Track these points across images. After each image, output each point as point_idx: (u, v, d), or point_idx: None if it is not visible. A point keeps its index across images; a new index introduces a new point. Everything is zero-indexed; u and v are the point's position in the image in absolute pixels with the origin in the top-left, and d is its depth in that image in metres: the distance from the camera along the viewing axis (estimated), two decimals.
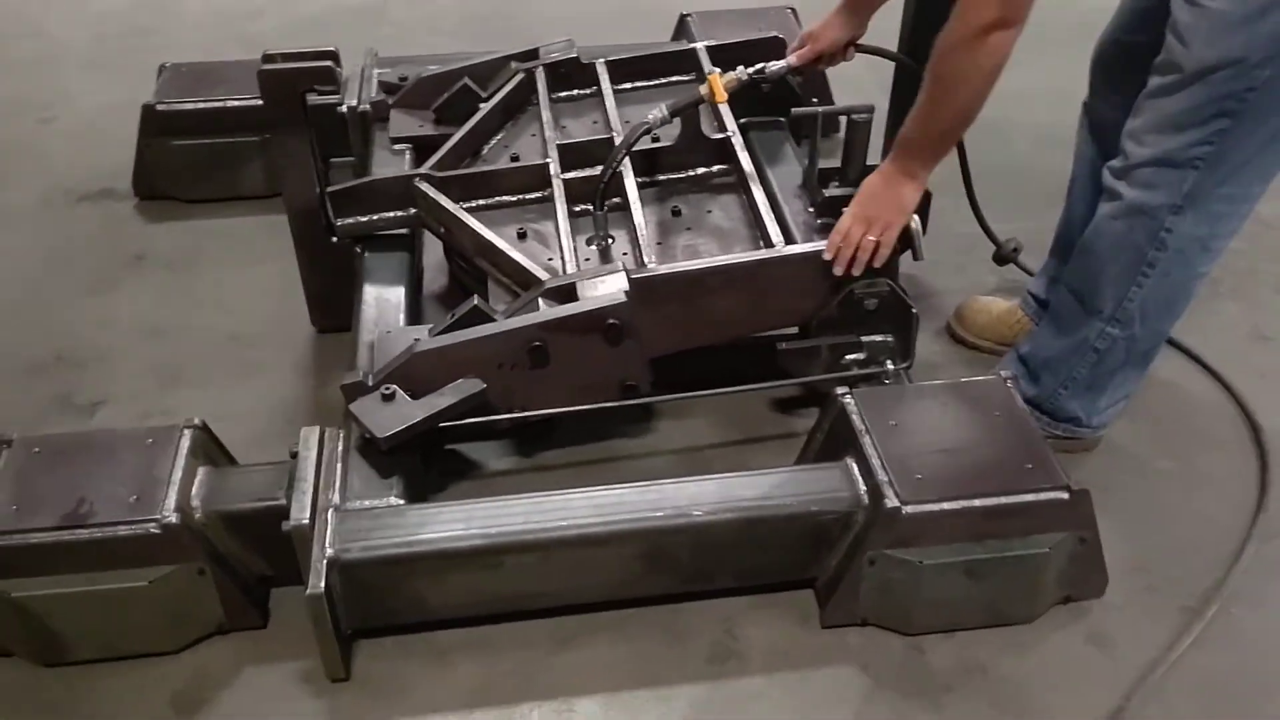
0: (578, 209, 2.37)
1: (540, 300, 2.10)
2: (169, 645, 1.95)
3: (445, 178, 2.42)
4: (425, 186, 2.39)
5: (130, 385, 2.52)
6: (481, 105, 2.70)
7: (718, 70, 2.41)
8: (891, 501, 1.84)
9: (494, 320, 2.10)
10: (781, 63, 2.46)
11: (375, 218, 2.44)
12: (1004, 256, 2.71)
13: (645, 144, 2.41)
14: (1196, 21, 1.82)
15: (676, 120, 2.40)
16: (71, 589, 1.83)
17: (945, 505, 1.84)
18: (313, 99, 2.92)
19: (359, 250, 2.47)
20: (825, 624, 1.98)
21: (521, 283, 2.22)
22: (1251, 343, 2.63)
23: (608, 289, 2.07)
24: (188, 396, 2.48)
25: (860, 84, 3.23)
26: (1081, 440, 2.28)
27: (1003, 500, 1.85)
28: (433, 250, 2.62)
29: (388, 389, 2.02)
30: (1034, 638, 1.98)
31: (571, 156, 2.48)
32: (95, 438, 2.00)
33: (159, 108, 2.95)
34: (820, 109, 2.46)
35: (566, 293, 2.10)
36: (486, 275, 2.33)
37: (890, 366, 2.20)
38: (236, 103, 2.97)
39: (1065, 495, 1.86)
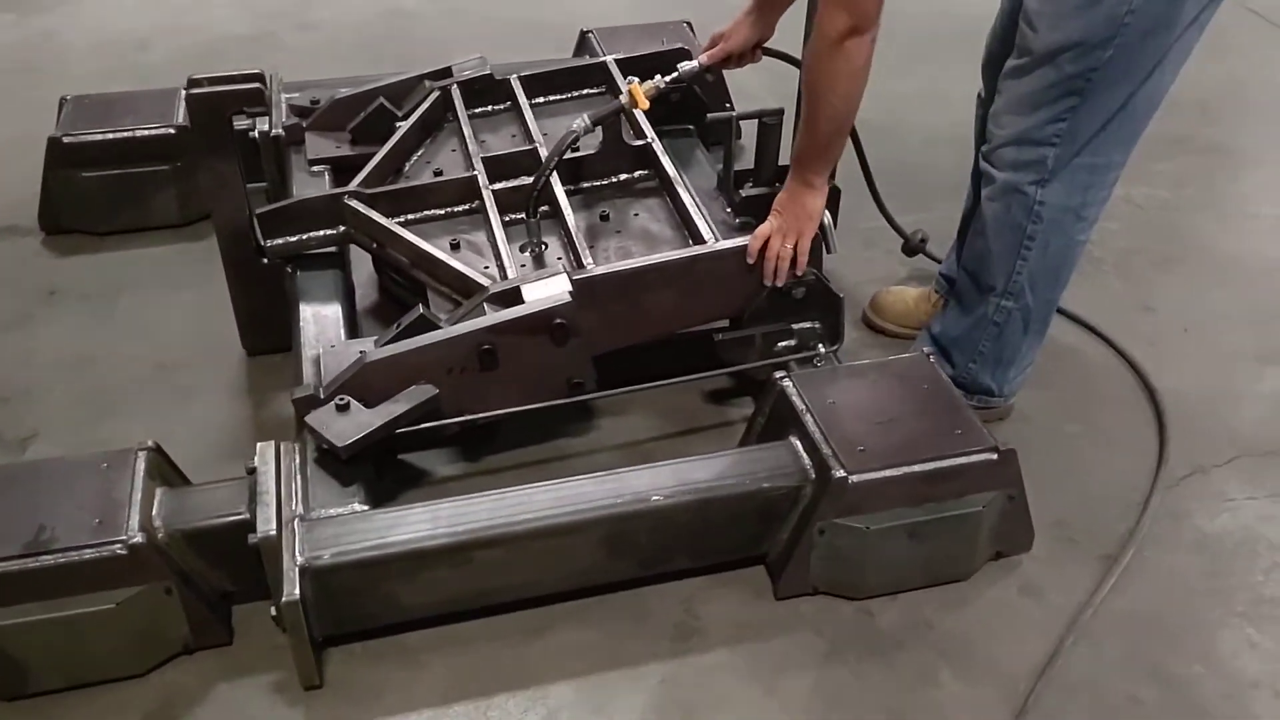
0: (508, 218, 2.44)
1: (485, 305, 2.16)
2: (136, 668, 1.94)
3: (374, 194, 2.46)
4: (355, 204, 2.42)
5: (60, 418, 2.49)
6: (398, 124, 2.74)
7: (635, 79, 2.51)
8: (838, 472, 1.95)
9: (439, 328, 2.15)
10: (693, 63, 2.57)
11: (305, 237, 2.46)
12: (913, 248, 2.87)
13: (570, 153, 2.50)
14: (1043, 7, 2.01)
15: (598, 129, 2.50)
16: (37, 617, 1.82)
17: (887, 473, 1.97)
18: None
19: (290, 271, 2.49)
20: (780, 595, 2.09)
21: (462, 291, 2.27)
22: (1139, 314, 2.84)
23: (551, 290, 2.15)
24: (122, 425, 2.46)
25: (755, 93, 3.37)
26: (996, 409, 2.44)
27: (939, 464, 1.99)
28: (361, 267, 2.65)
29: (342, 400, 2.05)
30: (972, 593, 2.12)
31: (496, 168, 2.54)
32: (46, 466, 1.99)
33: (65, 140, 2.91)
34: (735, 114, 2.59)
35: (510, 297, 2.17)
36: (423, 287, 2.37)
37: (822, 350, 2.32)
38: (145, 132, 2.95)
39: (994, 456, 2.01)
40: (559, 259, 2.37)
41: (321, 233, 2.47)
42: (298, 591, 1.81)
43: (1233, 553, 2.23)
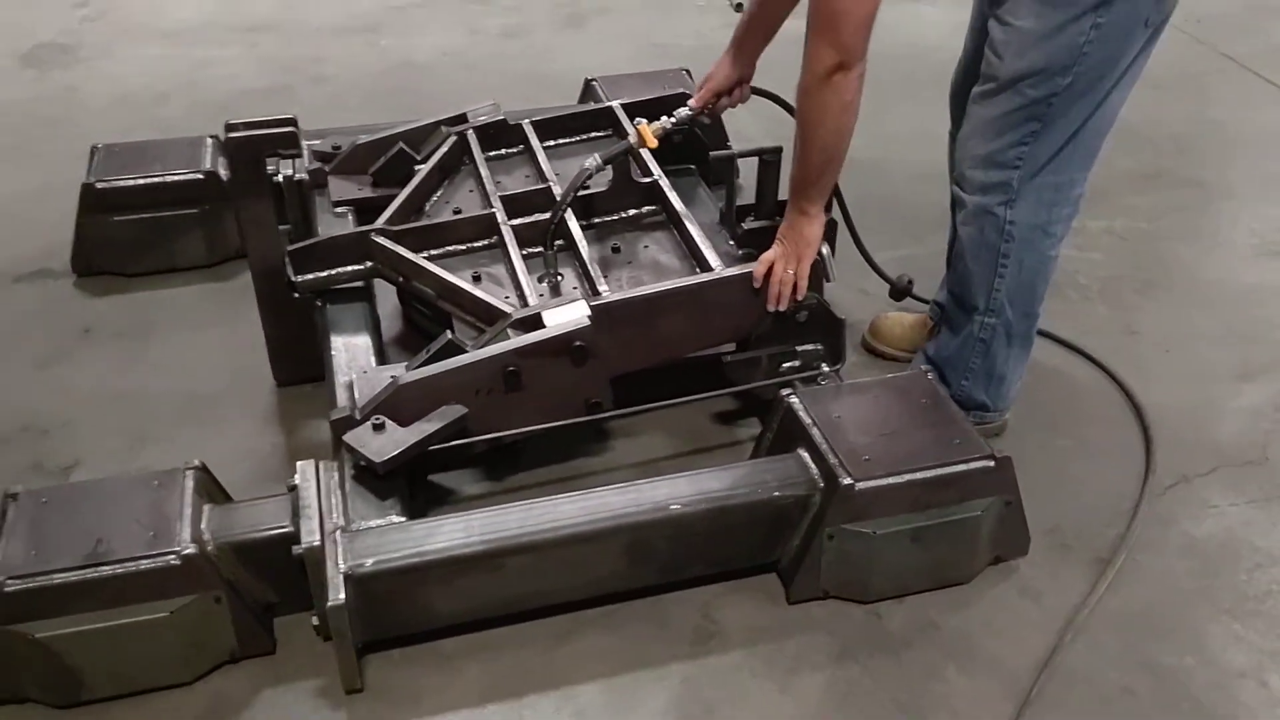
0: (526, 252, 2.58)
1: (509, 330, 2.30)
2: (185, 676, 2.05)
3: (400, 231, 2.60)
4: (383, 240, 2.57)
5: (99, 447, 2.60)
6: (417, 167, 2.90)
7: (643, 120, 2.67)
8: (845, 480, 2.08)
9: (466, 352, 2.28)
10: (685, 109, 2.72)
11: (333, 272, 2.59)
12: (900, 291, 3.02)
13: (582, 190, 2.65)
14: (1007, 38, 2.18)
15: (608, 168, 2.65)
16: (94, 625, 1.93)
17: (892, 480, 2.10)
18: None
19: (320, 304, 2.62)
20: (792, 600, 2.21)
21: (486, 319, 2.40)
22: (1124, 337, 2.98)
23: (572, 315, 2.28)
24: (159, 454, 2.57)
25: (752, 134, 3.54)
26: (991, 424, 2.58)
27: (940, 471, 2.12)
28: (385, 300, 2.78)
29: (377, 420, 2.18)
30: (974, 595, 2.25)
31: (513, 206, 2.69)
32: (100, 485, 2.10)
33: (98, 186, 3.05)
34: (736, 152, 2.75)
35: (533, 322, 2.30)
36: (448, 316, 2.51)
37: (825, 369, 2.45)
38: (174, 178, 3.09)
39: (992, 463, 2.14)
40: (574, 288, 2.51)
41: (349, 268, 2.60)
42: (342, 596, 1.92)
43: (1218, 555, 2.35)
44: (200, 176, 3.10)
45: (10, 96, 4.27)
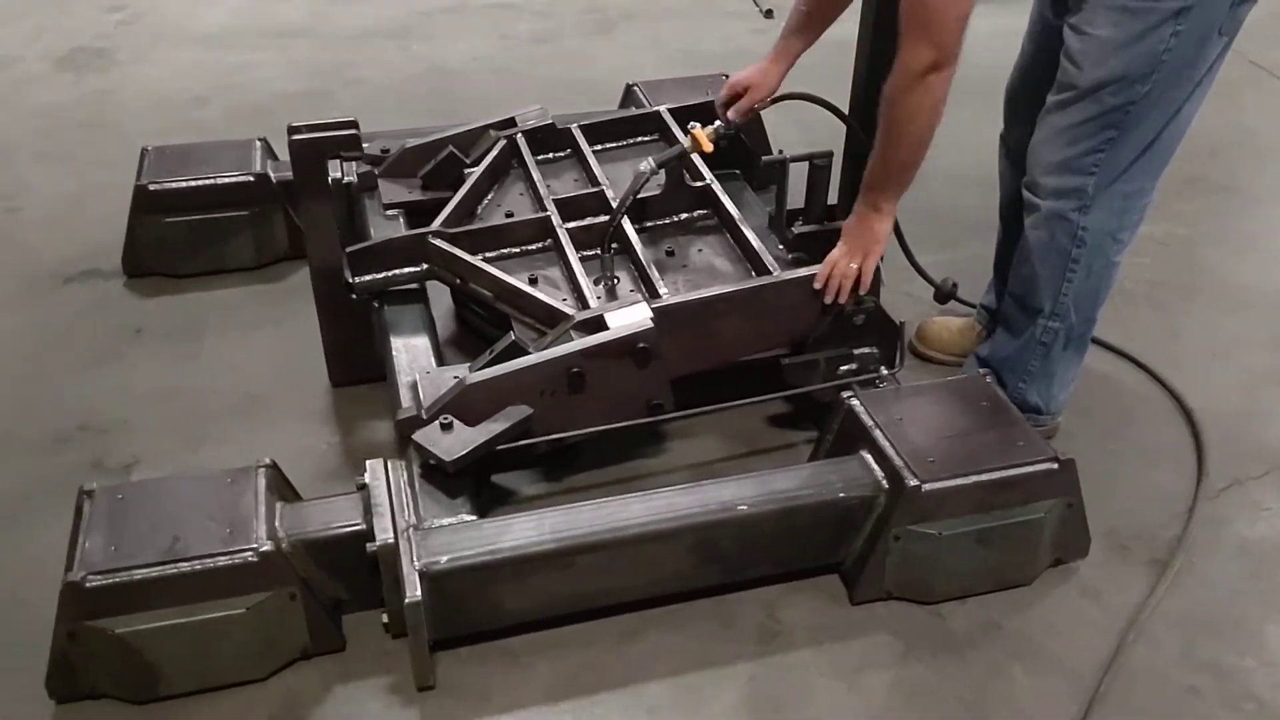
0: (581, 255, 2.60)
1: (571, 332, 2.32)
2: (259, 672, 2.07)
3: (456, 234, 2.62)
4: (440, 242, 2.58)
5: (157, 446, 2.62)
6: (467, 170, 2.92)
7: (698, 124, 2.69)
8: (912, 481, 2.10)
9: (528, 354, 2.30)
10: (732, 117, 2.73)
11: (391, 274, 2.61)
12: (945, 294, 3.03)
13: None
14: (1085, 47, 2.20)
15: (660, 172, 2.67)
16: (173, 621, 1.95)
17: (957, 481, 2.12)
18: (287, 175, 3.12)
19: (377, 306, 2.65)
20: (856, 600, 2.23)
21: (546, 321, 2.42)
22: (1169, 341, 3.00)
23: (635, 317, 2.30)
24: (217, 453, 2.60)
25: (787, 138, 3.55)
26: (1044, 427, 2.60)
27: (1005, 473, 2.14)
28: (438, 302, 2.80)
29: (445, 419, 2.20)
30: (1035, 596, 2.27)
31: (566, 210, 2.71)
32: (174, 482, 2.12)
33: (151, 187, 3.07)
34: (787, 156, 2.77)
35: (595, 324, 2.32)
36: (505, 318, 2.53)
37: (884, 372, 2.47)
38: (225, 180, 3.11)
39: (1055, 465, 2.16)
40: (630, 291, 2.53)
41: (406, 270, 2.62)
42: (419, 593, 1.94)
43: (1273, 556, 2.38)
44: (251, 179, 3.13)
45: (48, 100, 4.29)
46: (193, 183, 3.10)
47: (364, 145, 3.02)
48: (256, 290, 3.18)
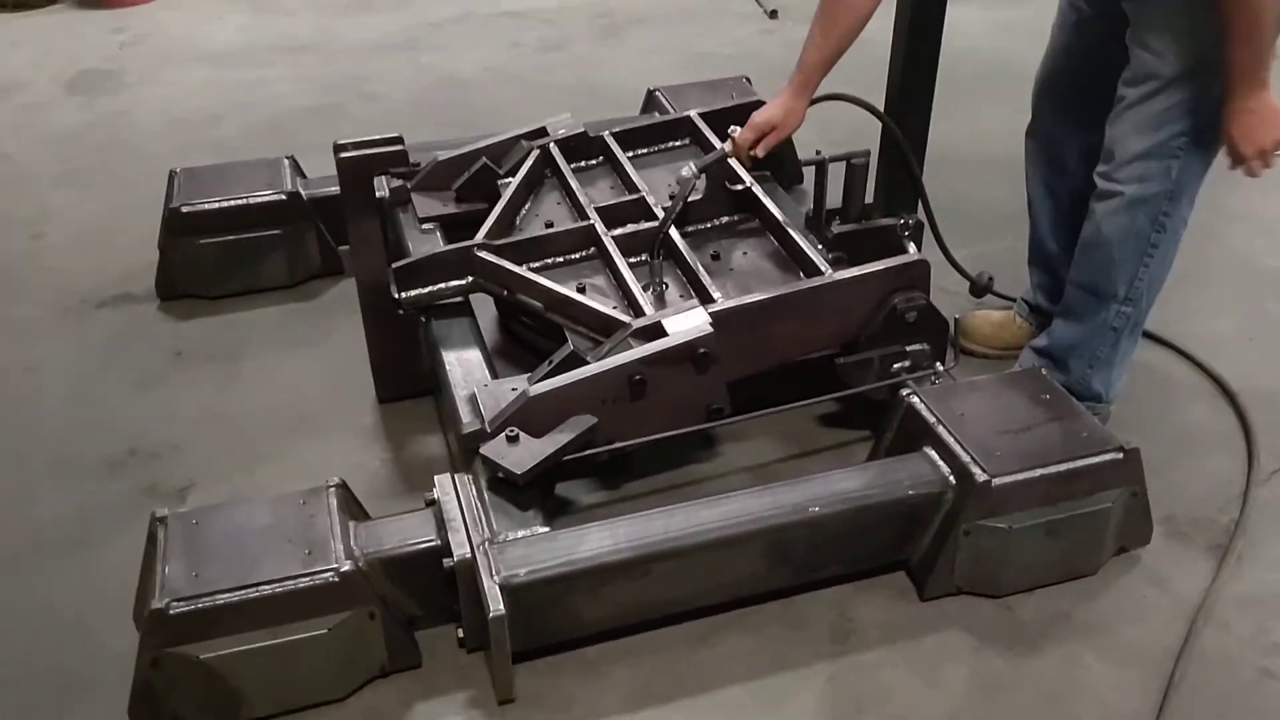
0: (630, 261, 2.60)
1: (630, 340, 2.32)
2: (339, 692, 2.07)
3: (501, 245, 2.62)
4: (486, 255, 2.58)
5: (211, 469, 2.62)
6: (500, 181, 2.92)
7: (737, 128, 2.70)
8: (981, 476, 2.12)
9: (587, 363, 2.31)
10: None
11: (438, 287, 2.61)
12: (981, 288, 3.04)
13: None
14: (1165, 37, 2.24)
15: (702, 176, 2.68)
16: (255, 644, 1.95)
17: (1025, 475, 2.14)
18: (317, 192, 3.14)
19: (424, 320, 2.65)
20: (926, 596, 2.24)
21: (601, 329, 2.42)
22: (1205, 326, 3.03)
23: (693, 323, 2.31)
24: (271, 473, 2.60)
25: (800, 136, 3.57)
26: (1100, 414, 2.62)
27: (1072, 465, 2.16)
28: (481, 314, 2.80)
29: (511, 432, 2.20)
30: (1101, 585, 2.29)
31: (609, 217, 2.71)
32: (247, 505, 2.12)
33: (183, 209, 3.07)
34: (826, 157, 2.78)
35: (654, 331, 2.32)
36: (555, 328, 2.52)
37: (940, 368, 2.49)
38: (259, 199, 3.11)
39: (1120, 455, 2.18)
40: (680, 296, 2.54)
41: (453, 283, 2.62)
42: (502, 607, 1.94)
43: None
44: (283, 197, 3.12)
45: (60, 124, 4.28)
46: (226, 203, 3.10)
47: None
48: (292, 309, 3.18)
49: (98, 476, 2.60)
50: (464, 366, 2.49)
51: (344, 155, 2.44)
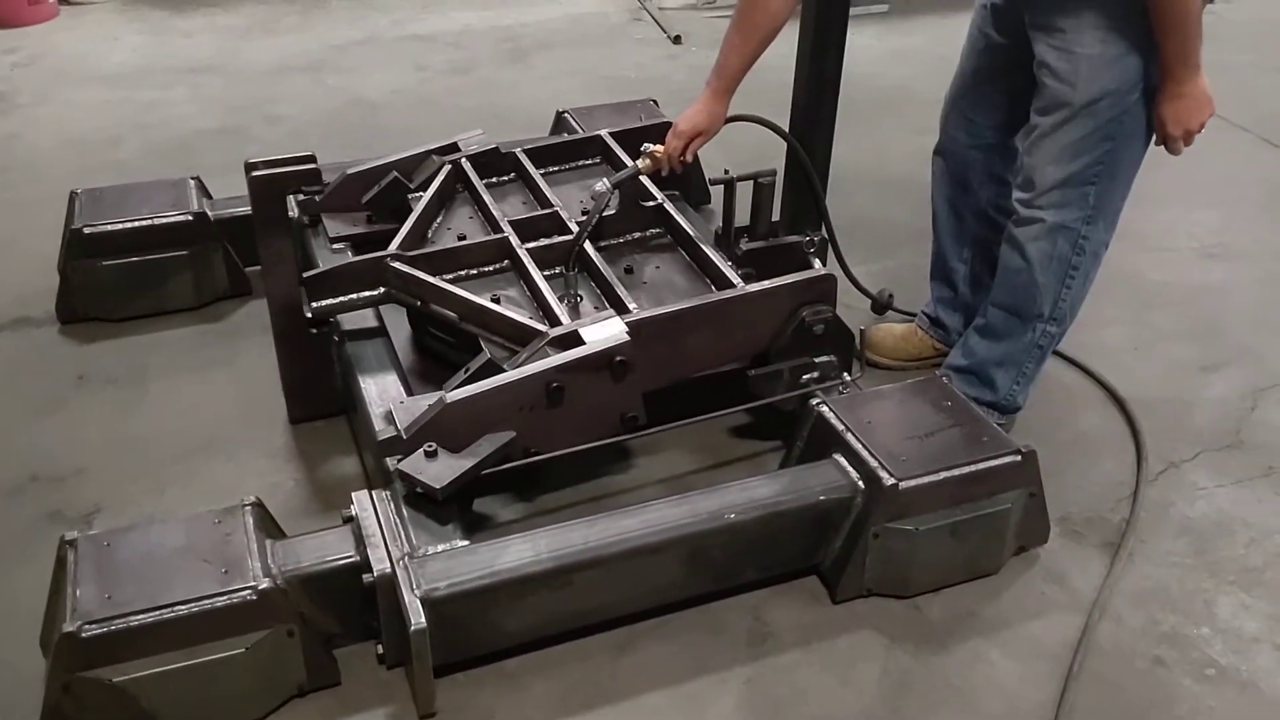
0: (545, 274, 2.63)
1: (546, 349, 2.34)
2: (257, 712, 2.05)
3: (415, 256, 2.62)
4: (400, 265, 2.58)
5: (118, 493, 2.57)
6: (411, 195, 2.91)
7: (652, 145, 2.75)
8: (888, 480, 2.19)
9: (504, 371, 2.32)
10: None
11: (349, 298, 2.57)
12: (882, 305, 3.15)
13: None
14: (1076, 65, 2.33)
15: (616, 192, 2.73)
16: (171, 666, 1.92)
17: (930, 478, 2.22)
18: (224, 213, 3.11)
19: (338, 341, 2.64)
20: (838, 599, 2.30)
21: (517, 339, 2.41)
22: (1093, 337, 3.15)
23: (610, 331, 2.34)
24: (181, 496, 2.56)
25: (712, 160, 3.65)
26: (1008, 424, 2.73)
27: (974, 468, 2.25)
28: (396, 334, 2.80)
29: (430, 447, 2.21)
30: (1004, 584, 2.38)
31: (522, 231, 2.72)
32: (161, 525, 2.08)
33: (85, 230, 3.00)
34: (734, 176, 2.86)
35: (570, 340, 2.34)
36: (469, 341, 2.51)
37: (847, 378, 2.57)
38: (164, 220, 3.06)
39: (1019, 458, 2.28)
40: (595, 308, 2.57)
41: (364, 294, 2.59)
42: (424, 621, 1.95)
43: (1214, 533, 2.53)
44: (190, 218, 3.08)
45: None
46: (130, 224, 3.04)
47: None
48: (199, 330, 3.13)
49: None
50: (380, 385, 2.50)
51: (255, 174, 2.43)
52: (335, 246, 2.99)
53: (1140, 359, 3.12)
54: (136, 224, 3.05)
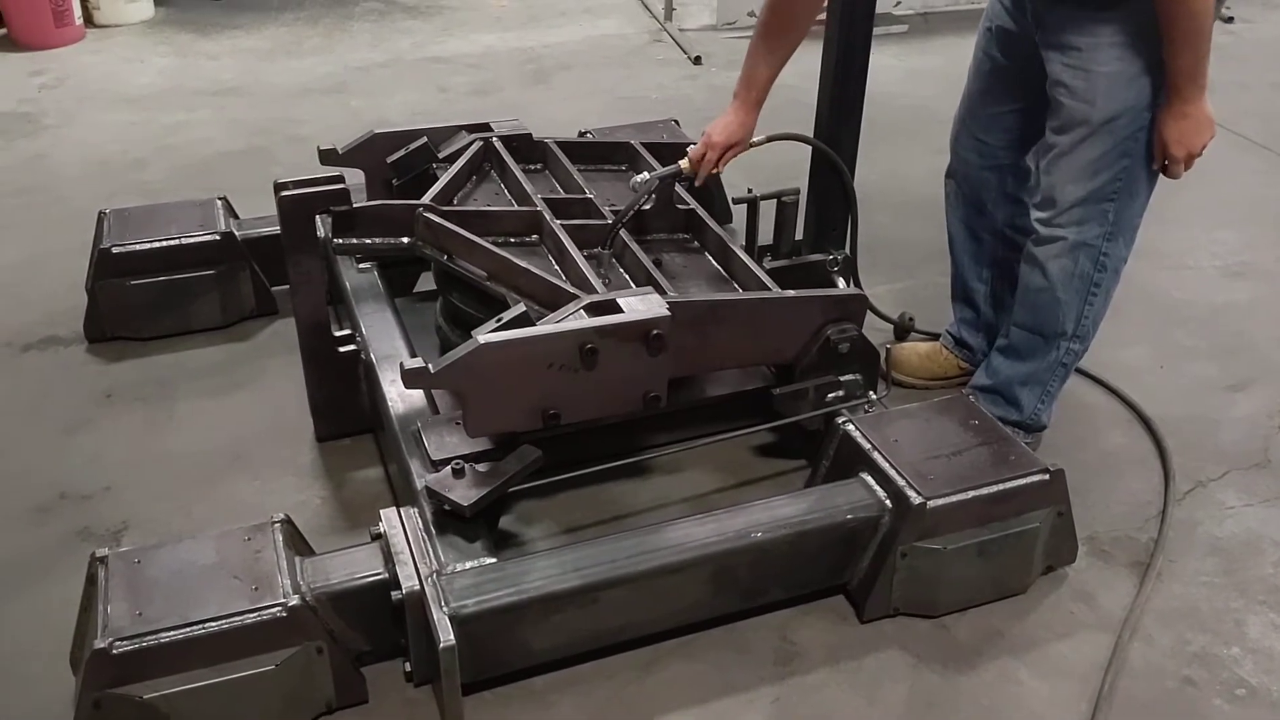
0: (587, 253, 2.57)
1: (582, 312, 2.26)
2: None
3: (447, 211, 2.57)
4: (432, 215, 2.52)
5: (145, 511, 2.58)
6: (436, 165, 2.91)
7: (695, 148, 2.76)
8: (916, 499, 2.19)
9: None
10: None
11: (373, 241, 2.56)
12: (904, 329, 3.16)
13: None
14: (1094, 84, 2.34)
15: (653, 190, 2.74)
16: (201, 683, 1.92)
17: (958, 496, 2.21)
18: (251, 233, 3.12)
19: (363, 358, 2.66)
20: (865, 618, 2.30)
21: (547, 302, 2.36)
22: (1117, 356, 3.15)
23: (650, 304, 2.28)
24: (208, 512, 2.57)
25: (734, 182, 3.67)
26: (1036, 440, 2.73)
27: (1002, 486, 2.24)
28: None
29: (458, 465, 2.22)
30: (1031, 604, 2.37)
31: (555, 210, 2.68)
32: (190, 543, 2.09)
33: (114, 250, 3.03)
34: (758, 195, 2.87)
35: (607, 307, 2.27)
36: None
37: (873, 397, 2.57)
38: (191, 240, 3.09)
39: (1046, 476, 2.27)
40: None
41: (390, 240, 2.55)
42: (453, 638, 1.95)
43: (1242, 552, 2.52)
44: (217, 238, 3.11)
45: None
46: (158, 244, 3.07)
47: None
48: (225, 349, 3.15)
49: (26, 522, 2.54)
50: (406, 402, 2.51)
51: (285, 194, 2.45)
52: (361, 266, 3.03)
53: (1165, 378, 3.11)
54: (164, 244, 3.07)
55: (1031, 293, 2.60)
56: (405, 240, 2.56)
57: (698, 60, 5.21)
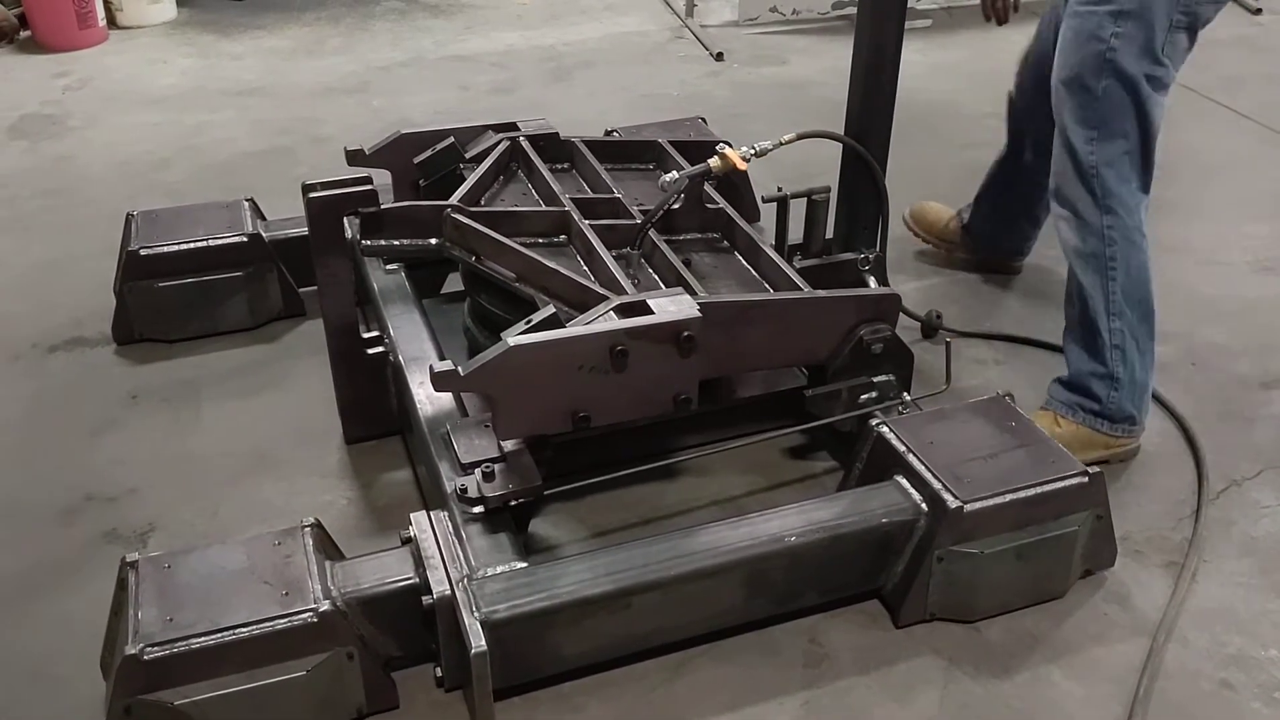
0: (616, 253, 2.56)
1: (612, 313, 2.25)
2: None
3: (475, 212, 2.57)
4: (460, 217, 2.52)
5: (172, 512, 2.58)
6: (463, 166, 2.90)
7: (727, 144, 2.74)
8: (953, 502, 2.16)
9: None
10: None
11: (401, 243, 2.56)
12: (932, 328, 3.13)
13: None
14: (1060, 45, 2.47)
15: (682, 189, 2.71)
16: (232, 689, 1.92)
17: (995, 500, 2.19)
18: (278, 234, 3.12)
19: (392, 360, 2.65)
20: (900, 623, 2.27)
21: (576, 303, 2.36)
22: None
23: (681, 305, 2.27)
24: (235, 514, 2.57)
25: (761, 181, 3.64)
26: (1134, 439, 2.69)
27: (1040, 489, 2.21)
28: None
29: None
30: (1067, 608, 2.34)
31: (583, 209, 2.68)
32: (220, 547, 2.09)
33: (142, 252, 3.03)
34: (788, 193, 2.85)
35: (638, 308, 2.26)
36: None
37: (907, 398, 2.54)
38: (219, 241, 3.09)
39: (1085, 479, 2.24)
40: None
41: (418, 241, 2.55)
42: (484, 643, 1.94)
43: (1279, 552, 2.48)
44: (245, 239, 3.10)
45: (3, 168, 4.21)
46: (186, 246, 3.07)
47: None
48: (253, 351, 3.15)
49: (53, 523, 2.55)
50: (435, 404, 2.50)
51: (313, 196, 2.44)
52: (389, 268, 3.02)
53: (1197, 375, 3.07)
54: (192, 245, 3.07)
55: (1068, 281, 2.66)
56: (433, 241, 2.56)
57: (719, 57, 5.18)
